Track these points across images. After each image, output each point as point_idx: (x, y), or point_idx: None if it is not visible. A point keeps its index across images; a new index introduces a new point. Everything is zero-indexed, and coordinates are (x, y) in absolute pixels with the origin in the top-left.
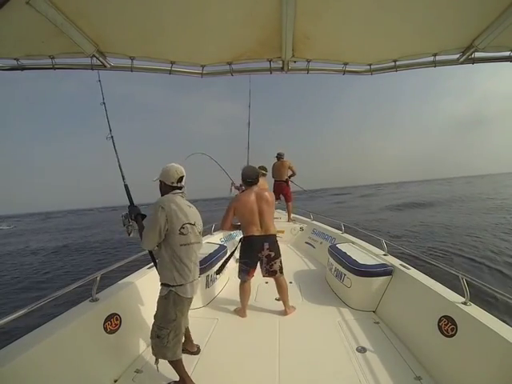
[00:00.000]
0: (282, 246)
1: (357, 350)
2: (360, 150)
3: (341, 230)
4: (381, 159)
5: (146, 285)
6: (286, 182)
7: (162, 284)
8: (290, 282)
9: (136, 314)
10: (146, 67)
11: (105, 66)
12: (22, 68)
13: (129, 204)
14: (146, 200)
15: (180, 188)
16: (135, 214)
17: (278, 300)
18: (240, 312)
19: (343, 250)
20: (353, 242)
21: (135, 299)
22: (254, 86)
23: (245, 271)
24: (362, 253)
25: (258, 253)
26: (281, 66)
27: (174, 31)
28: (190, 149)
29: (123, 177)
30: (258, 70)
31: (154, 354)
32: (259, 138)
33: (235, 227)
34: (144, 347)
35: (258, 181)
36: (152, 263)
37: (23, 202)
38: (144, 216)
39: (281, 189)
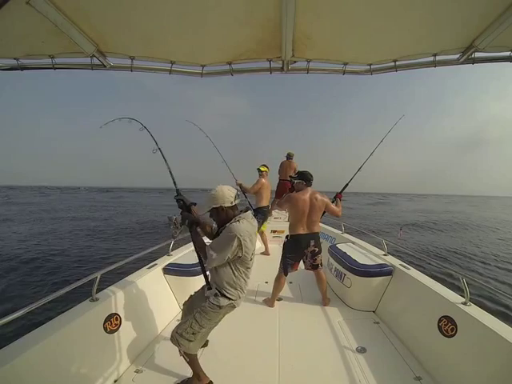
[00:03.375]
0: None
1: (357, 350)
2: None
3: (341, 230)
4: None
5: (146, 285)
6: (290, 181)
7: (222, 295)
8: (290, 282)
9: (136, 314)
10: (146, 67)
11: (104, 66)
12: (22, 68)
13: (181, 209)
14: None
15: (236, 206)
16: (190, 222)
17: (278, 300)
18: (269, 302)
19: (343, 250)
20: (353, 242)
21: (135, 299)
22: (258, 81)
23: (290, 265)
24: (362, 253)
25: (305, 249)
26: (281, 65)
27: (174, 31)
28: (190, 136)
29: (175, 183)
30: (257, 69)
31: (178, 343)
32: (260, 138)
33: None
34: (144, 347)
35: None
36: (155, 263)
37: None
38: (197, 223)
39: (285, 188)
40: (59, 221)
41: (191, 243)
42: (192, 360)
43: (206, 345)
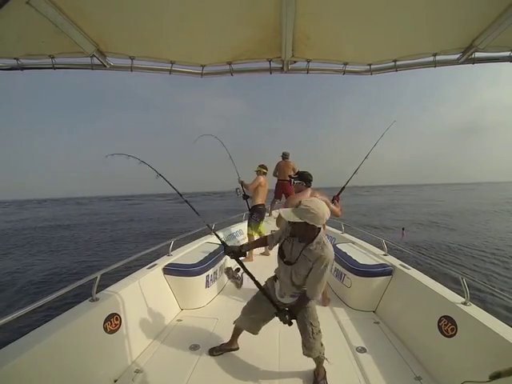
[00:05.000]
0: None
1: (357, 349)
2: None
3: (341, 229)
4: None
5: (146, 285)
6: (289, 181)
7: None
8: None
9: (136, 314)
10: (146, 67)
11: (105, 66)
12: (22, 68)
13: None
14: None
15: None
16: (235, 253)
17: None
18: None
19: (343, 250)
20: (353, 242)
21: (135, 299)
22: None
23: None
24: (362, 253)
25: None
26: (281, 65)
27: (174, 31)
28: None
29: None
30: (257, 69)
31: (317, 354)
32: (259, 139)
33: None
34: (144, 347)
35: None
36: (155, 263)
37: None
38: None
39: (284, 188)
40: None
41: (191, 243)
42: (321, 360)
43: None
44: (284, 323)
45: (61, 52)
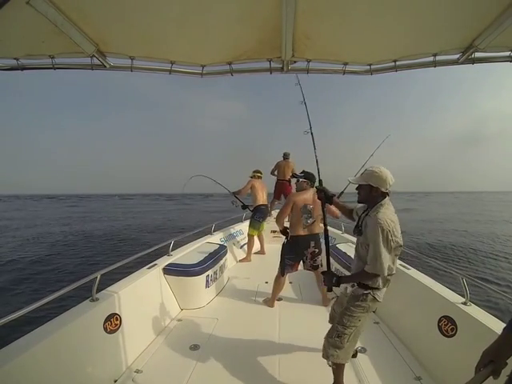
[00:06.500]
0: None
1: (357, 349)
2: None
3: (341, 230)
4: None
5: (146, 285)
6: (289, 181)
7: (358, 286)
8: (290, 282)
9: (136, 314)
10: (146, 67)
11: (105, 66)
12: (22, 68)
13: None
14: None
15: (388, 194)
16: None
17: (278, 300)
18: (269, 302)
19: (343, 250)
20: (353, 242)
21: (135, 299)
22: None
23: (289, 266)
24: None
25: (304, 250)
26: (281, 66)
27: (174, 31)
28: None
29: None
30: (257, 69)
31: (327, 355)
32: (260, 140)
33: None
34: (144, 347)
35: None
36: (155, 263)
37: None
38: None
39: (283, 188)
40: None
41: (191, 243)
42: (338, 369)
43: (355, 355)
44: (325, 285)
45: (61, 52)
